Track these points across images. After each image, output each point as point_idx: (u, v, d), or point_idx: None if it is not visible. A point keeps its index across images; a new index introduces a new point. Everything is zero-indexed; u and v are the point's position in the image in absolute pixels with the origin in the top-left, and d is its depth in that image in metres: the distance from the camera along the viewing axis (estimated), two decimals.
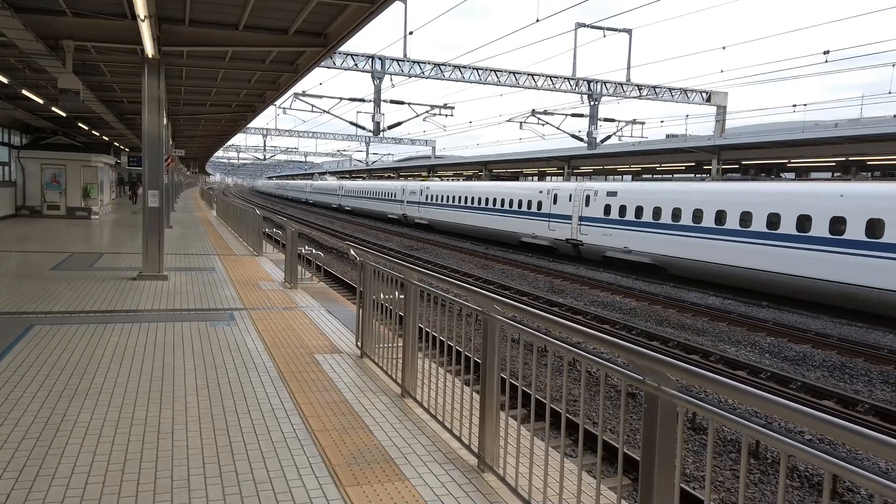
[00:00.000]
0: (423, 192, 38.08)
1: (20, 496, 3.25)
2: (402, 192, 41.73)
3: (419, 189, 38.79)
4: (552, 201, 25.45)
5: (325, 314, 8.21)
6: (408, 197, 40.51)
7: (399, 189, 42.46)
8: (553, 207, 25.31)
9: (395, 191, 43.22)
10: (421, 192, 38.33)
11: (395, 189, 43.47)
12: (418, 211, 38.69)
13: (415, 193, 39.41)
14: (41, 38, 9.29)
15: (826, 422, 1.82)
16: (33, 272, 10.49)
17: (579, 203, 23.75)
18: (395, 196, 42.96)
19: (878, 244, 14.15)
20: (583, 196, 23.61)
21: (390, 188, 44.49)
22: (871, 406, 8.58)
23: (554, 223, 25.15)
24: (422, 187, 38.41)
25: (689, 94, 32.78)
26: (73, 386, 4.97)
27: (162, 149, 10.56)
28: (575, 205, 23.97)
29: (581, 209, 23.63)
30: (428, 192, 37.22)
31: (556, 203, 25.20)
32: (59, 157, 22.99)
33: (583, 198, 23.57)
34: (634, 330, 12.57)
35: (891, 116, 27.16)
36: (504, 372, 3.75)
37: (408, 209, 40.48)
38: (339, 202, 58.63)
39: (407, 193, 40.81)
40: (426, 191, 37.54)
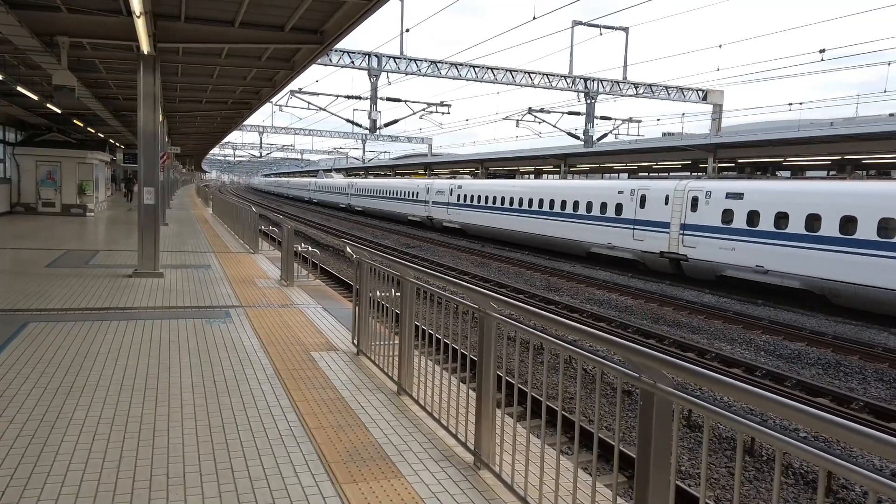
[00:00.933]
0: (453, 191, 33.12)
1: (15, 494, 3.24)
2: (426, 192, 36.85)
3: (448, 188, 33.85)
4: (638, 203, 20.65)
5: (322, 312, 8.20)
6: (434, 197, 35.59)
7: (423, 188, 37.53)
8: (640, 212, 20.50)
9: (418, 190, 38.20)
10: (451, 192, 33.37)
11: (417, 188, 38.47)
12: (448, 213, 33.67)
13: (443, 193, 34.44)
14: (36, 34, 9.25)
15: (821, 419, 1.83)
16: (28, 269, 10.45)
17: (681, 206, 18.88)
18: (418, 196, 38.04)
19: None
20: (686, 198, 18.79)
21: (412, 187, 39.52)
22: (866, 403, 8.62)
23: (642, 231, 20.36)
24: (452, 186, 33.54)
25: (685, 92, 32.83)
26: (68, 383, 4.96)
27: (158, 146, 10.53)
28: (674, 209, 19.11)
29: (684, 214, 18.76)
30: (461, 192, 32.35)
31: (643, 206, 20.40)
32: (54, 153, 22.90)
33: (686, 200, 18.76)
34: (630, 328, 12.60)
35: (886, 115, 27.25)
36: (500, 369, 3.75)
37: (434, 211, 35.47)
38: (348, 202, 53.65)
39: (433, 193, 35.85)
40: (458, 190, 32.65)
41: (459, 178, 36.87)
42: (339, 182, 58.94)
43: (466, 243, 28.74)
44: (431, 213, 35.96)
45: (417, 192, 38.26)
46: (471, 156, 47.16)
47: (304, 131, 60.84)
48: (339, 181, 59.37)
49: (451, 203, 33.42)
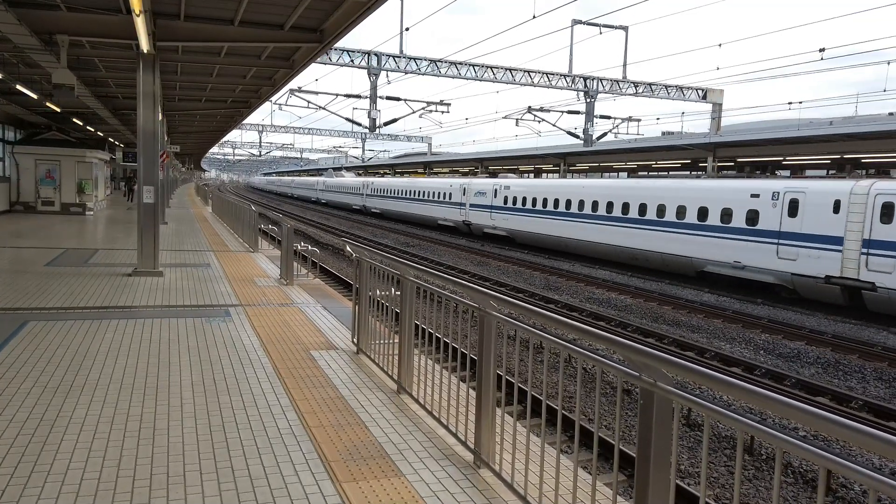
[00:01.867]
0: (498, 192, 28.60)
1: (15, 492, 3.25)
2: (462, 193, 32.13)
3: (492, 188, 29.28)
4: (785, 210, 15.92)
5: (321, 311, 8.20)
6: (473, 199, 30.97)
7: (457, 188, 32.73)
8: (789, 221, 15.76)
9: (452, 191, 33.32)
10: (495, 193, 28.85)
11: (451, 188, 33.50)
12: (491, 218, 29.22)
13: (484, 194, 29.81)
14: (35, 32, 9.24)
15: (820, 418, 1.83)
16: (28, 268, 10.45)
17: (864, 215, 14.22)
18: (451, 197, 33.26)
19: None
20: (872, 203, 14.14)
21: (443, 187, 34.48)
22: (865, 402, 8.63)
23: (792, 247, 15.56)
24: (496, 186, 29.15)
25: (685, 91, 32.83)
26: (68, 382, 4.96)
27: (157, 145, 10.52)
28: (852, 218, 14.43)
29: (869, 226, 14.12)
30: (508, 193, 27.78)
31: (795, 214, 15.66)
32: (53, 152, 22.89)
33: (872, 207, 14.12)
34: (630, 327, 12.60)
35: (886, 114, 27.26)
36: (500, 368, 3.75)
37: (473, 215, 30.89)
38: (363, 203, 48.29)
39: (471, 194, 31.18)
40: (505, 191, 28.09)
41: (503, 177, 31.66)
42: (351, 181, 53.47)
43: (466, 242, 28.67)
44: (469, 218, 31.16)
45: (451, 194, 33.21)
46: (471, 155, 47.10)
47: (303, 130, 60.85)
48: (351, 180, 53.88)
49: (495, 206, 28.75)
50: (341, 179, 57.25)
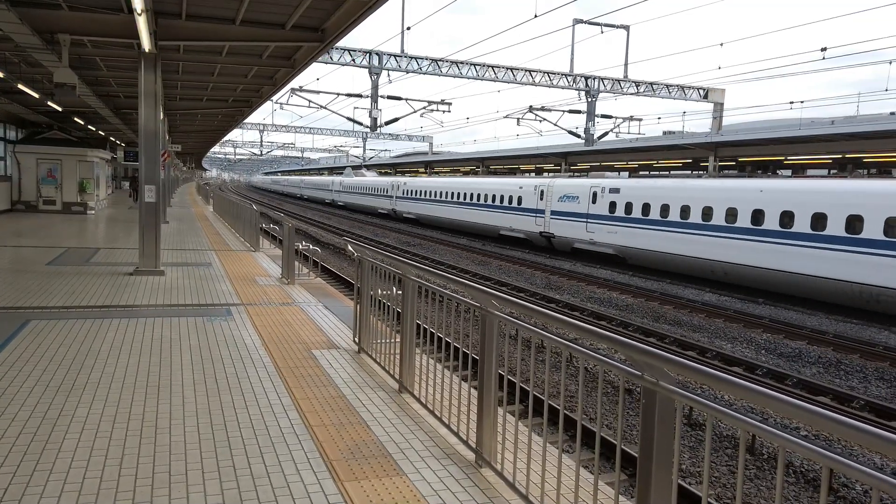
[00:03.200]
0: (600, 195, 22.17)
1: (17, 491, 3.25)
2: (539, 196, 25.47)
3: (589, 190, 22.68)
4: None
5: (323, 310, 8.20)
6: (556, 204, 24.41)
7: (530, 190, 25.93)
8: None
9: (523, 193, 26.36)
10: (595, 197, 22.41)
11: (521, 190, 26.61)
12: (587, 230, 22.61)
13: (575, 199, 23.36)
14: (37, 31, 9.25)
15: (822, 417, 1.83)
16: (29, 267, 10.46)
17: None
18: (522, 202, 26.46)
19: None
20: None
21: (509, 189, 27.57)
22: (867, 402, 8.62)
23: None
24: (596, 187, 22.45)
25: (686, 90, 32.82)
26: (69, 381, 4.97)
27: (158, 144, 10.52)
28: None
29: None
30: (617, 198, 21.40)
31: None
32: (54, 151, 22.91)
33: None
34: (631, 326, 12.60)
35: (887, 114, 27.23)
36: (502, 367, 3.75)
37: (558, 226, 24.15)
38: (392, 206, 41.67)
39: (553, 199, 24.56)
40: (611, 195, 21.73)
41: (598, 177, 24.31)
42: (377, 181, 46.24)
43: (467, 241, 28.57)
44: (551, 229, 24.70)
45: (521, 197, 26.60)
46: (472, 154, 47.06)
47: (304, 129, 60.90)
48: (377, 180, 46.67)
49: (594, 215, 22.30)
50: (363, 179, 49.83)
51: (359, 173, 53.65)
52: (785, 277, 15.78)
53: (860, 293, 14.17)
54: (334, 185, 58.04)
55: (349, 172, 56.07)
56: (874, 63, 28.07)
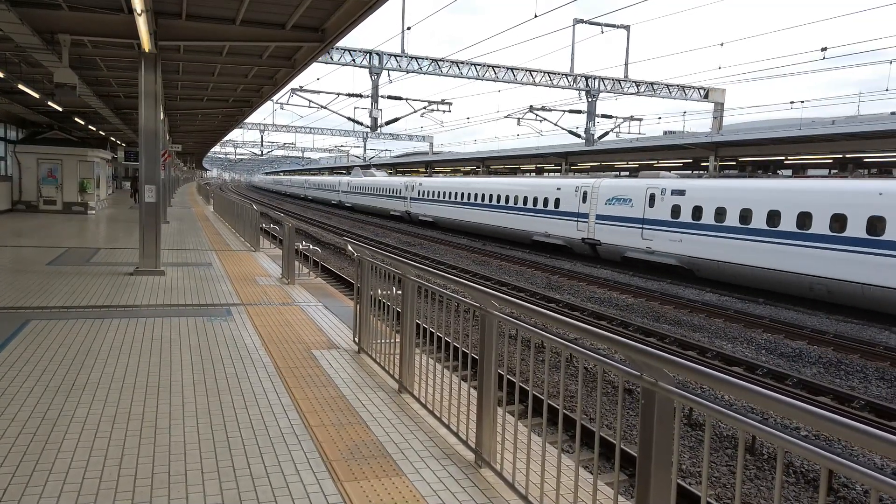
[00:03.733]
0: (658, 197, 19.31)
1: (17, 491, 3.25)
2: (581, 198, 22.47)
3: (645, 192, 19.85)
4: None
5: (323, 310, 8.20)
6: (602, 208, 21.50)
7: (570, 191, 23.07)
8: None
9: (561, 195, 23.55)
10: (652, 200, 19.52)
11: (558, 192, 23.67)
12: (643, 237, 19.82)
13: (627, 202, 20.46)
14: (37, 32, 9.25)
15: (822, 417, 1.83)
16: (30, 267, 10.46)
17: None
18: (560, 204, 23.55)
19: None
20: None
21: (543, 189, 24.72)
22: (867, 402, 8.62)
23: None
24: (653, 189, 19.63)
25: (686, 90, 32.81)
26: (69, 381, 4.97)
27: (159, 144, 10.53)
28: None
29: None
30: (681, 201, 18.57)
31: None
32: (55, 151, 22.93)
33: None
34: (631, 326, 12.60)
35: (888, 113, 27.23)
36: (501, 368, 3.75)
37: (606, 231, 21.36)
38: (406, 208, 38.93)
39: (600, 201, 21.63)
40: (673, 197, 18.83)
41: (652, 176, 20.75)
42: (388, 182, 43.68)
43: (468, 241, 28.51)
44: (596, 234, 21.71)
45: (560, 199, 23.51)
46: (472, 154, 47.05)
47: (305, 129, 60.88)
48: (388, 181, 44.08)
49: (650, 221, 19.32)
50: (373, 179, 47.29)
51: (368, 173, 50.74)
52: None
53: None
54: (341, 186, 55.75)
55: (357, 172, 53.06)
56: (875, 63, 28.09)
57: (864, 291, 13.95)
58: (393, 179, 43.86)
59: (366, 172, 51.25)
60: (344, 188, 54.65)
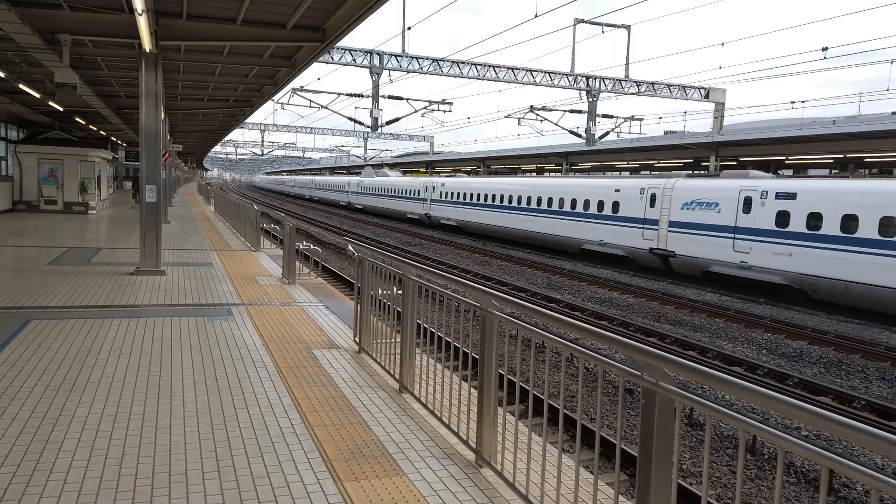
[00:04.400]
0: (757, 202, 16.54)
1: (17, 490, 3.25)
2: (648, 202, 19.68)
3: (737, 194, 17.04)
4: None
5: (323, 310, 8.20)
6: (677, 213, 18.65)
7: (634, 193, 20.27)
8: None
9: (621, 198, 20.69)
10: (748, 205, 16.74)
11: (619, 194, 20.83)
12: (735, 248, 16.95)
13: (711, 206, 17.65)
14: (38, 31, 9.25)
15: (823, 417, 1.82)
16: (30, 267, 10.47)
17: None
18: (619, 208, 20.78)
19: None
20: None
21: (598, 191, 21.86)
22: (868, 402, 8.61)
23: None
24: (748, 190, 16.81)
25: (687, 90, 32.79)
26: (70, 380, 4.97)
27: (159, 144, 10.53)
28: None
29: None
30: (792, 206, 15.77)
31: None
32: (56, 151, 22.94)
33: None
34: (632, 326, 12.59)
35: (889, 113, 27.22)
36: (502, 367, 3.75)
37: (681, 241, 18.48)
38: (426, 211, 36.08)
39: (674, 205, 18.74)
40: (778, 202, 16.07)
41: (741, 177, 17.91)
42: (405, 182, 40.55)
43: (468, 241, 28.51)
44: (668, 244, 18.88)
45: (620, 203, 20.72)
46: (473, 154, 47.01)
47: (305, 129, 60.86)
48: (404, 181, 41.06)
49: (747, 229, 16.59)
50: (386, 180, 44.25)
51: (381, 173, 47.65)
52: None
53: None
54: (351, 186, 52.65)
55: (369, 172, 49.78)
56: (875, 63, 28.10)
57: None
58: (410, 179, 40.74)
59: (378, 172, 48.35)
60: (354, 189, 51.82)
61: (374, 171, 48.96)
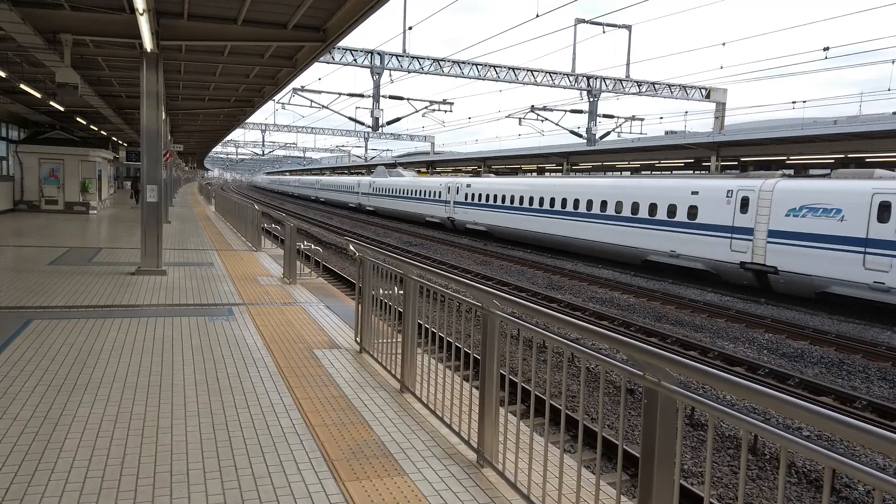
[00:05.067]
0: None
1: (19, 490, 3.25)
2: (738, 207, 16.67)
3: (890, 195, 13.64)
4: None
5: (324, 309, 8.20)
6: (780, 221, 15.66)
7: (716, 196, 17.30)
8: None
9: (700, 202, 17.82)
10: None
11: (700, 198, 17.83)
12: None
13: (834, 214, 14.56)
14: (39, 31, 9.26)
15: (824, 417, 1.82)
16: (31, 267, 10.47)
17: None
18: (700, 214, 17.81)
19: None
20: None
21: (671, 192, 18.87)
22: (869, 402, 8.60)
23: None
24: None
25: (688, 90, 32.77)
26: (71, 380, 4.97)
27: (160, 144, 10.54)
28: None
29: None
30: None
31: None
32: (56, 151, 22.96)
33: None
34: (633, 326, 12.59)
35: (890, 113, 27.19)
36: (503, 367, 3.75)
37: (792, 256, 15.36)
38: (449, 215, 33.15)
39: (777, 212, 15.73)
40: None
41: (864, 176, 15.02)
42: (422, 183, 37.91)
43: (469, 241, 28.57)
44: (770, 259, 15.84)
45: (699, 207, 17.77)
46: (474, 154, 46.98)
47: (306, 129, 60.87)
48: (422, 182, 38.07)
49: (882, 241, 13.77)
50: (401, 180, 41.46)
51: (395, 173, 44.80)
52: None
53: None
54: (361, 187, 49.71)
55: (382, 171, 46.88)
56: (876, 63, 28.08)
57: None
58: (429, 180, 37.45)
59: (391, 172, 45.44)
60: (365, 190, 48.68)
61: (388, 171, 46.32)
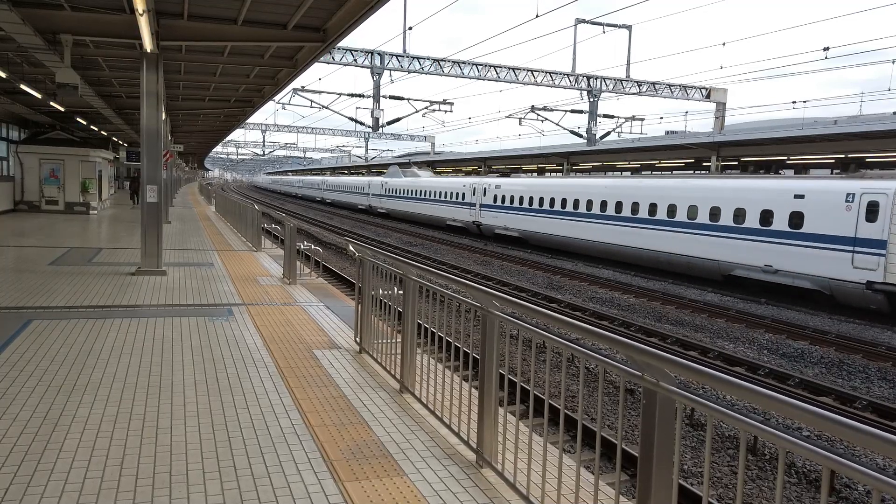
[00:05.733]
0: None
1: (18, 490, 3.25)
2: (859, 214, 13.82)
3: None
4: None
5: (324, 310, 8.20)
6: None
7: (830, 199, 14.48)
8: None
9: (810, 206, 14.95)
10: None
11: (810, 205, 14.95)
12: None
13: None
14: (39, 32, 9.26)
15: (824, 418, 1.82)
16: (32, 267, 10.48)
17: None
18: (807, 221, 15.03)
19: None
20: None
21: (759, 194, 16.29)
22: (869, 402, 8.60)
23: None
24: None
25: (688, 90, 32.76)
26: (71, 381, 4.97)
27: (160, 144, 10.54)
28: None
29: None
30: None
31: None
32: (57, 151, 22.97)
33: None
34: (633, 326, 12.58)
35: (890, 113, 27.17)
36: (503, 368, 3.75)
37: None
38: (475, 218, 30.37)
39: None
40: None
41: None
42: (442, 183, 34.95)
43: (469, 242, 28.53)
44: (888, 276, 13.53)
45: (805, 214, 15.15)
46: (475, 154, 46.96)
47: (306, 129, 60.86)
48: (443, 182, 35.21)
49: None
50: (418, 181, 38.62)
51: (409, 172, 42.15)
52: None
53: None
54: (372, 188, 46.94)
55: (395, 171, 44.22)
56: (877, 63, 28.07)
57: None
58: (450, 180, 34.43)
59: (406, 172, 42.71)
60: (376, 191, 45.81)
61: (402, 171, 43.47)
